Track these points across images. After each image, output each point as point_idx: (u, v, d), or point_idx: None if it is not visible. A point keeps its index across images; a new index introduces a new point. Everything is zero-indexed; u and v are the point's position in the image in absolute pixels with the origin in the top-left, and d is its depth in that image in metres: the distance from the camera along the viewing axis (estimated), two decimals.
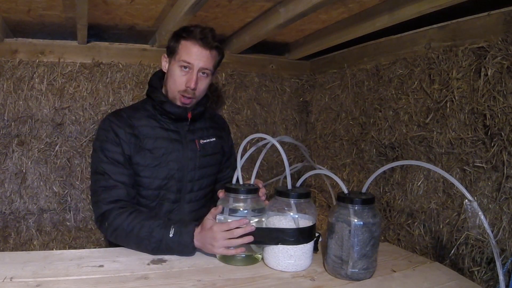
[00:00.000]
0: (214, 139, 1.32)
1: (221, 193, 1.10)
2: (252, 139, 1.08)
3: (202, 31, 1.17)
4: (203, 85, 1.22)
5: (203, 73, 1.20)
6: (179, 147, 1.24)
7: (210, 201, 1.35)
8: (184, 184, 1.24)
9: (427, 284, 0.94)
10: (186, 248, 1.02)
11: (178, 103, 1.22)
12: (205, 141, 1.30)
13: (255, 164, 1.08)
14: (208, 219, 1.02)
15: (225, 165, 1.41)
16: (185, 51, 1.18)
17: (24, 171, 1.73)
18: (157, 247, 1.02)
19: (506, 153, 1.13)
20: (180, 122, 1.26)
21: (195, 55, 1.17)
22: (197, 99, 1.24)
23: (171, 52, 1.22)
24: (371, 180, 0.96)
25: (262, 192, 1.12)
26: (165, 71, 1.26)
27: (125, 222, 1.06)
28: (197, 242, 1.02)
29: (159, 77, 1.30)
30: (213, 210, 1.04)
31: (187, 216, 1.27)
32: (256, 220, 1.02)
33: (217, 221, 1.04)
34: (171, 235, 1.02)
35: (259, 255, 1.03)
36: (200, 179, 1.27)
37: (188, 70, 1.18)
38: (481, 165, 1.20)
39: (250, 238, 0.97)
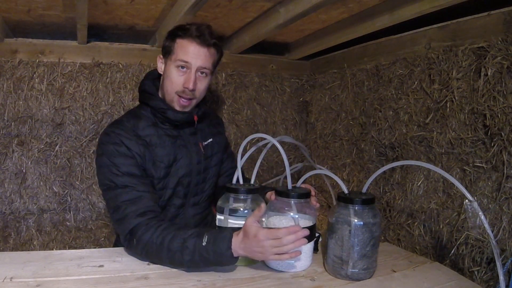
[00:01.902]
0: (211, 139, 1.29)
1: (272, 196, 1.03)
2: (252, 139, 1.08)
3: (198, 28, 1.11)
4: (202, 85, 1.16)
5: (202, 72, 1.14)
6: (186, 153, 1.19)
7: (212, 203, 1.34)
8: (190, 189, 1.22)
9: (427, 284, 0.94)
10: (223, 257, 0.90)
11: (177, 107, 1.15)
12: (206, 142, 1.26)
13: (255, 164, 1.08)
14: (252, 226, 0.90)
15: (223, 157, 1.37)
16: (182, 50, 1.11)
17: (24, 171, 1.73)
18: (191, 259, 0.92)
19: (506, 153, 1.13)
20: (184, 128, 1.21)
21: (192, 53, 1.11)
22: (197, 100, 1.18)
23: (167, 52, 1.15)
24: (371, 180, 0.96)
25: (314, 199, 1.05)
26: (161, 72, 1.19)
27: (154, 235, 0.96)
28: (240, 251, 0.90)
29: (153, 81, 1.22)
30: (256, 212, 0.93)
31: (191, 220, 1.24)
32: None
33: (217, 222, 1.04)
34: (204, 244, 0.91)
35: None
36: (203, 182, 1.26)
37: (186, 70, 1.12)
38: (481, 165, 1.20)
39: (303, 241, 0.89)
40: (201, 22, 1.15)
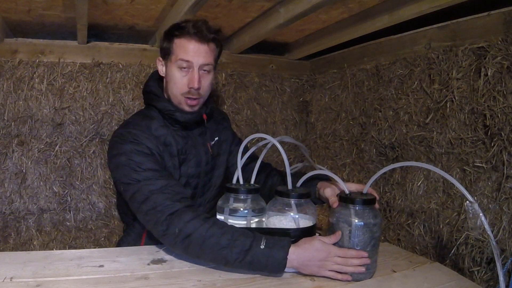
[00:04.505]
0: (217, 137, 1.29)
1: (335, 204, 0.98)
2: (252, 139, 1.08)
3: (195, 25, 1.08)
4: (206, 82, 1.14)
5: (204, 69, 1.12)
6: (195, 153, 1.19)
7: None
8: (198, 190, 1.21)
9: (427, 284, 0.94)
10: (278, 265, 0.89)
11: (186, 108, 1.14)
12: (213, 142, 1.26)
13: (255, 164, 1.09)
14: (319, 240, 0.92)
15: (235, 149, 1.33)
16: (181, 50, 1.09)
17: (24, 171, 1.73)
18: (240, 258, 0.89)
19: (506, 153, 1.13)
20: (193, 128, 1.20)
21: (193, 51, 1.09)
22: (204, 98, 1.17)
23: (166, 53, 1.14)
24: (372, 181, 0.96)
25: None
26: (163, 75, 1.19)
27: (203, 227, 0.91)
28: (294, 262, 0.90)
29: (158, 81, 1.21)
30: (333, 237, 0.94)
31: None
32: (256, 220, 1.02)
33: None
34: (262, 246, 0.89)
35: None
36: (210, 181, 1.25)
37: (188, 69, 1.10)
38: (481, 165, 1.20)
39: (362, 270, 0.91)
40: (197, 19, 1.13)
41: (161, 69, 1.18)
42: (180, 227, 0.92)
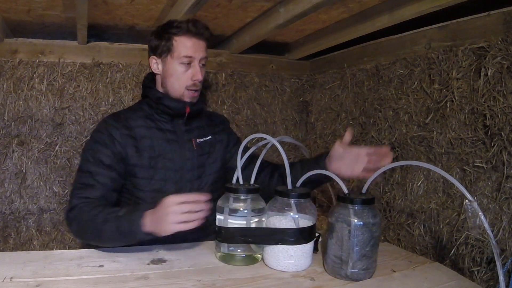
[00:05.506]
0: (210, 137, 1.30)
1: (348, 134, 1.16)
2: (252, 139, 1.08)
3: (193, 24, 1.18)
4: (203, 75, 1.24)
5: (203, 63, 1.22)
6: (176, 148, 1.22)
7: (214, 201, 1.33)
8: (183, 185, 1.22)
9: (427, 284, 0.94)
10: (134, 226, 0.94)
11: (187, 100, 1.22)
12: (201, 140, 1.28)
13: (255, 164, 1.08)
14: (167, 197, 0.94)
15: (229, 154, 1.36)
16: (183, 47, 1.18)
17: (24, 171, 1.73)
18: (108, 230, 0.98)
19: (506, 153, 1.13)
20: (177, 121, 1.23)
21: (194, 48, 1.18)
22: (200, 90, 1.26)
23: (164, 51, 1.20)
24: (371, 180, 0.96)
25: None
26: (158, 72, 1.24)
27: (89, 213, 1.03)
28: (149, 223, 0.93)
29: (151, 79, 1.29)
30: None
31: None
32: (256, 220, 1.02)
33: (217, 222, 1.04)
34: (121, 214, 0.98)
35: (259, 255, 1.03)
36: (198, 178, 1.26)
37: (189, 64, 1.19)
38: (481, 165, 1.20)
39: (204, 214, 0.93)
40: (188, 18, 1.23)
41: (156, 67, 1.24)
42: (74, 215, 1.06)
